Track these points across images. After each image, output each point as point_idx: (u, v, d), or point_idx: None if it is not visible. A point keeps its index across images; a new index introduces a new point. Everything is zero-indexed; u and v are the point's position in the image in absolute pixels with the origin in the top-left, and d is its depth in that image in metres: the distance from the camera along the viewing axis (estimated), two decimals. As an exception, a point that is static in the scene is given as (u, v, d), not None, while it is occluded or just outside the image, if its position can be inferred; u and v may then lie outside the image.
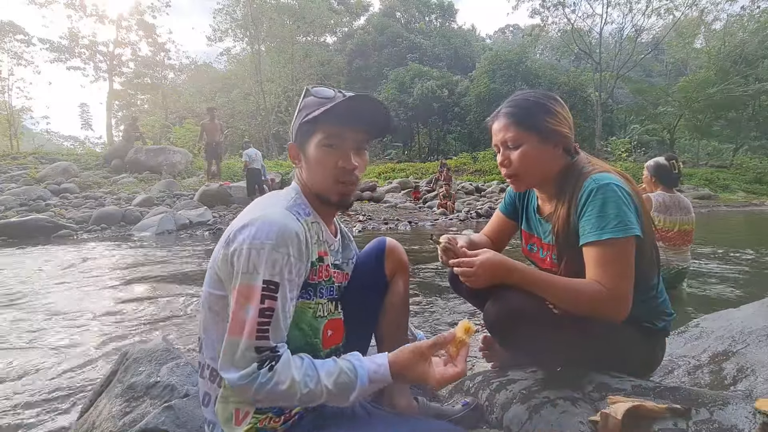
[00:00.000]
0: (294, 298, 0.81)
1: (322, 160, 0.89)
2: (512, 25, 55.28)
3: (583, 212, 1.01)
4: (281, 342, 0.77)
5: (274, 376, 0.73)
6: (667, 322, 1.12)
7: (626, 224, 0.95)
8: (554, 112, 1.08)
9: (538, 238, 1.21)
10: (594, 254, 0.97)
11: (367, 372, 0.78)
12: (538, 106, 1.08)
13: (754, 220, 10.34)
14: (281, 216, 0.80)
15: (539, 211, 1.21)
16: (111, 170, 13.34)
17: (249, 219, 0.79)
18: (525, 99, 1.11)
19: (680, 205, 2.75)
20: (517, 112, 1.09)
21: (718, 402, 0.88)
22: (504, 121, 1.10)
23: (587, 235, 0.99)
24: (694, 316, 2.10)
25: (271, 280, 0.75)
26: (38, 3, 26.19)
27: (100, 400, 1.31)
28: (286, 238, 0.77)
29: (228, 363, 0.75)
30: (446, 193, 10.89)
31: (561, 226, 1.06)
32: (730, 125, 24.89)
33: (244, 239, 0.77)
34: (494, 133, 1.13)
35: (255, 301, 0.74)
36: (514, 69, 25.94)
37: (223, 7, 31.53)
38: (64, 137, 41.01)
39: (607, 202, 0.97)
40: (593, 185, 1.00)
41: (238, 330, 0.74)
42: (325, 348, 0.92)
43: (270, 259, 0.75)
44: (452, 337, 0.84)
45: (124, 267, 4.34)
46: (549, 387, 1.07)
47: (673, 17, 26.06)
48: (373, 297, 1.11)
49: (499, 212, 1.37)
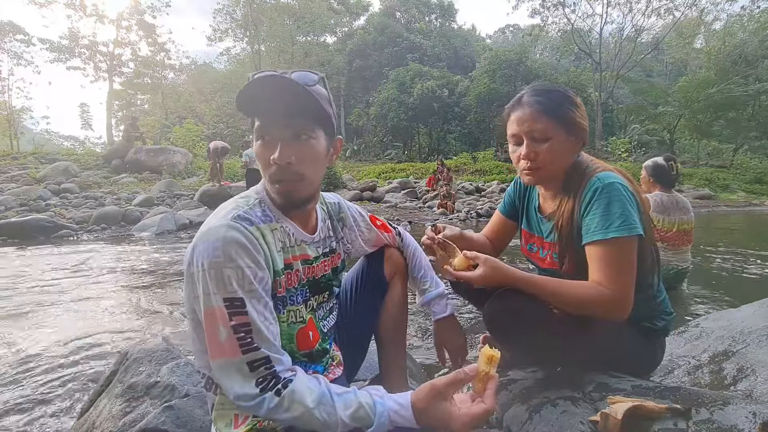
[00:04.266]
0: (269, 302, 0.76)
1: (258, 155, 0.82)
2: (512, 25, 55.28)
3: (587, 210, 1.00)
4: (274, 351, 0.73)
5: (284, 403, 0.69)
6: (667, 322, 1.12)
7: (630, 224, 0.95)
8: (578, 105, 1.06)
9: (539, 238, 1.21)
10: (598, 253, 0.97)
11: (387, 411, 0.70)
12: (565, 98, 1.04)
13: (754, 220, 10.34)
14: (223, 229, 0.73)
15: (540, 210, 1.20)
16: (111, 170, 13.35)
17: (196, 238, 0.75)
18: (553, 90, 1.06)
19: (679, 205, 2.73)
20: (546, 102, 1.02)
21: (718, 402, 0.88)
22: (531, 110, 1.02)
23: (591, 233, 0.98)
24: (694, 316, 2.10)
25: (233, 297, 0.71)
26: (38, 3, 26.19)
27: (100, 400, 1.31)
28: (231, 251, 0.72)
29: (227, 387, 0.71)
30: (446, 193, 10.89)
31: (564, 224, 1.06)
32: (730, 125, 24.85)
33: (195, 262, 0.73)
34: (517, 122, 1.05)
35: (224, 321, 0.70)
36: (514, 69, 25.92)
37: (223, 7, 31.55)
38: (64, 137, 40.98)
39: (613, 201, 0.97)
40: (598, 184, 1.00)
41: (220, 352, 0.71)
42: (300, 350, 0.88)
43: (223, 278, 0.71)
44: (474, 372, 0.72)
45: (124, 267, 4.34)
46: (549, 387, 1.07)
47: (673, 17, 26.15)
48: (373, 298, 1.13)
49: (499, 213, 1.35)
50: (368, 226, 1.12)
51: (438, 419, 0.70)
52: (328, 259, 0.98)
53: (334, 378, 1.01)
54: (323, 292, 0.97)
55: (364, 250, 1.14)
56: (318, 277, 0.94)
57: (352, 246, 1.10)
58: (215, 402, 0.82)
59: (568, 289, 0.97)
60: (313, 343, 0.91)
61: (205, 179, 12.16)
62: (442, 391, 0.71)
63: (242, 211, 0.79)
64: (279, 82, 0.77)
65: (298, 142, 0.80)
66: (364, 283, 1.13)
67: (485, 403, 0.70)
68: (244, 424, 0.79)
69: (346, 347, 1.11)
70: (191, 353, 1.58)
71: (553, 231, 1.11)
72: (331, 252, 0.99)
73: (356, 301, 1.13)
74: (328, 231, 1.00)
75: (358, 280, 1.14)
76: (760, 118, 24.01)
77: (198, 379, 1.24)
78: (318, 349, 0.93)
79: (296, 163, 0.79)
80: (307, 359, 0.90)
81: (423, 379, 1.55)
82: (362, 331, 1.15)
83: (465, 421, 0.69)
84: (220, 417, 0.81)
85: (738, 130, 24.75)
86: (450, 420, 0.69)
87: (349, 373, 1.12)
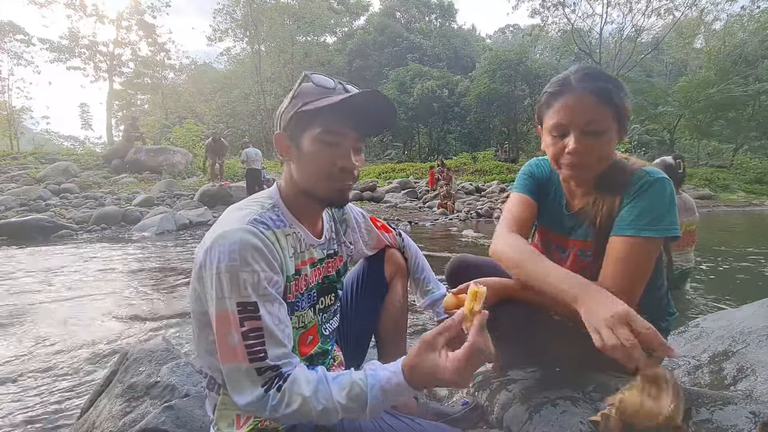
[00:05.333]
0: (281, 305, 0.76)
1: (318, 157, 0.81)
2: (512, 25, 55.30)
3: (629, 203, 0.92)
4: (284, 357, 0.72)
5: (284, 397, 0.69)
6: (669, 322, 1.12)
7: (669, 224, 0.89)
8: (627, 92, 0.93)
9: (562, 236, 1.11)
10: (623, 247, 0.90)
11: (379, 381, 0.69)
12: (618, 84, 0.91)
13: (754, 220, 10.34)
14: (240, 232, 0.73)
15: (568, 207, 1.09)
16: (111, 170, 13.35)
17: (211, 240, 0.74)
18: (604, 74, 0.92)
19: (685, 206, 2.75)
20: (605, 89, 0.88)
21: (718, 402, 0.88)
22: (589, 98, 0.88)
23: (625, 227, 0.90)
24: (694, 316, 2.10)
25: (246, 302, 0.70)
26: (38, 3, 26.23)
27: (100, 400, 1.31)
28: (248, 255, 0.72)
29: (235, 390, 0.71)
30: (446, 193, 10.89)
31: (604, 220, 0.97)
32: (730, 125, 24.86)
33: (209, 264, 0.72)
34: (564, 110, 0.91)
35: (235, 326, 0.70)
36: (514, 69, 25.92)
37: (223, 7, 31.59)
38: (64, 137, 40.95)
39: (658, 197, 0.90)
40: (648, 177, 0.92)
41: (230, 357, 0.70)
42: (302, 355, 0.88)
43: (238, 281, 0.70)
44: (461, 316, 0.70)
45: (124, 267, 4.34)
46: (549, 387, 1.07)
47: (673, 17, 26.11)
48: (374, 299, 1.14)
49: (527, 198, 1.12)
50: (369, 228, 1.13)
51: (428, 373, 0.67)
52: (332, 261, 0.98)
53: None
54: (329, 293, 0.97)
55: (365, 252, 1.14)
56: (324, 279, 0.94)
57: (354, 247, 1.10)
58: (218, 402, 0.82)
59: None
60: (312, 347, 0.91)
61: (205, 179, 12.16)
62: (430, 341, 0.68)
63: (258, 214, 0.79)
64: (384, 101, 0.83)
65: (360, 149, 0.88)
66: (365, 284, 1.14)
67: (468, 341, 0.66)
68: (246, 425, 0.79)
69: (347, 347, 1.12)
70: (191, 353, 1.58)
71: (584, 227, 1.03)
72: (334, 254, 1.00)
73: (357, 302, 1.13)
74: (332, 233, 1.00)
75: (359, 281, 1.14)
76: (760, 118, 24.00)
77: (198, 379, 1.24)
78: (318, 351, 0.93)
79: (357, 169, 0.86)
80: (308, 363, 0.90)
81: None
82: (363, 331, 1.16)
83: (452, 367, 0.65)
84: (222, 417, 0.81)
85: (738, 130, 24.76)
86: (437, 370, 0.66)
87: (349, 373, 1.12)
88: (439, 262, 2.34)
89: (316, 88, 0.81)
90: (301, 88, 0.82)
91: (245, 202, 0.85)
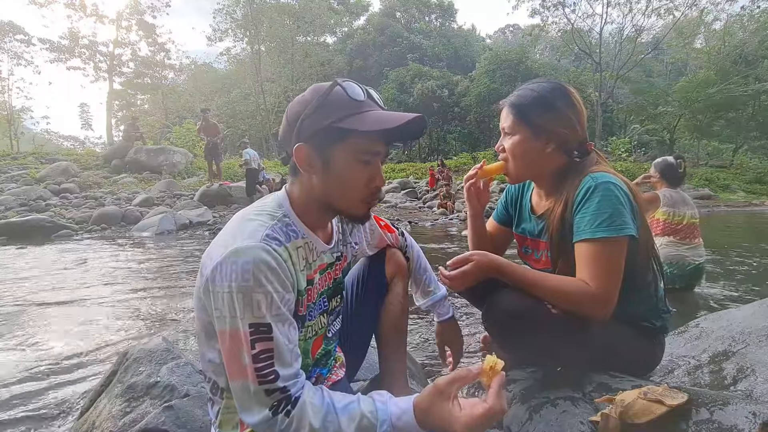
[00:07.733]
0: (292, 325, 0.75)
1: (352, 176, 0.79)
2: (512, 25, 55.23)
3: (578, 209, 1.01)
4: (292, 377, 0.71)
5: (293, 424, 0.68)
6: (666, 321, 1.12)
7: (621, 224, 0.95)
8: (555, 109, 1.07)
9: (533, 240, 1.21)
10: (585, 252, 0.97)
11: (390, 417, 0.69)
12: (538, 101, 1.08)
13: (754, 220, 10.33)
14: (254, 251, 0.70)
15: (533, 210, 1.22)
16: (111, 170, 13.33)
17: (221, 256, 0.71)
18: (530, 90, 1.11)
19: (685, 200, 2.91)
20: (517, 103, 1.11)
21: (718, 402, 0.88)
22: (506, 108, 1.13)
23: (581, 232, 0.98)
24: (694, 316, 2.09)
25: (259, 323, 0.69)
26: (38, 3, 26.23)
27: (100, 400, 1.31)
28: (261, 276, 0.69)
29: (242, 407, 0.71)
30: (446, 193, 10.89)
31: (556, 223, 1.06)
32: (730, 125, 24.84)
33: (220, 281, 0.70)
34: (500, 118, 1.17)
35: (246, 346, 0.68)
36: (514, 69, 25.93)
37: (223, 7, 31.53)
38: (64, 137, 40.92)
39: (604, 201, 0.96)
40: (591, 183, 1.00)
41: (239, 374, 0.69)
42: (312, 359, 0.90)
43: (251, 302, 0.69)
44: (478, 370, 0.71)
45: (124, 267, 4.34)
46: (549, 387, 1.07)
47: (673, 17, 26.06)
48: (374, 298, 1.13)
49: (492, 221, 1.39)
50: (373, 227, 1.12)
51: (439, 420, 0.68)
52: (339, 263, 0.98)
53: (337, 379, 1.01)
54: (336, 295, 0.97)
55: (367, 252, 1.14)
56: (333, 282, 0.94)
57: (358, 247, 1.10)
58: (221, 406, 0.81)
59: (552, 282, 0.98)
60: (317, 349, 0.91)
61: (205, 179, 12.16)
62: (443, 389, 0.69)
63: (270, 228, 0.76)
64: (424, 124, 0.83)
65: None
66: (366, 284, 1.13)
67: (487, 403, 0.67)
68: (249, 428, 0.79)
69: (347, 347, 1.12)
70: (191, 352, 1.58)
71: (546, 231, 1.12)
72: (340, 256, 0.99)
73: (357, 302, 1.13)
74: (339, 234, 1.00)
75: (360, 281, 1.14)
76: (760, 118, 23.98)
77: (198, 379, 1.24)
78: (321, 353, 0.93)
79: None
80: (313, 365, 0.91)
81: (423, 378, 1.55)
82: (363, 332, 1.16)
83: (466, 422, 0.66)
84: (226, 421, 0.81)
85: (738, 130, 24.74)
86: (451, 420, 0.67)
87: (349, 373, 1.12)
88: (439, 263, 2.33)
89: (348, 100, 0.76)
90: (329, 98, 0.76)
91: (254, 211, 0.81)
